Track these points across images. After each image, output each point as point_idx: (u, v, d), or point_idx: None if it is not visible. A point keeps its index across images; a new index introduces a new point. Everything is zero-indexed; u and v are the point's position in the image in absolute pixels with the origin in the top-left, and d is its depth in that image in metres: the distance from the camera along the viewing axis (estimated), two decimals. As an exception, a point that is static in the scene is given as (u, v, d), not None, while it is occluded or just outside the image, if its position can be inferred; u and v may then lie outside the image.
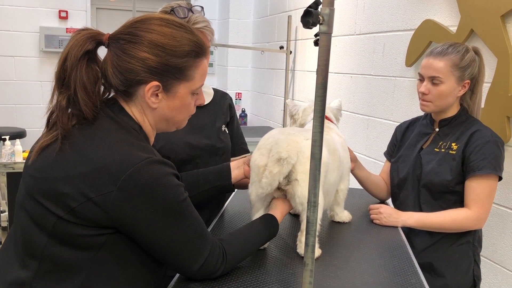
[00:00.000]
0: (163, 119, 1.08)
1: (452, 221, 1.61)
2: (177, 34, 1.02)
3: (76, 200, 0.92)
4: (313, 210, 0.92)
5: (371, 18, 2.91)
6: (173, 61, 1.01)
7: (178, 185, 0.98)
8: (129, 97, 1.04)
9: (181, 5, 1.53)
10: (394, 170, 1.82)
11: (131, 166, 0.92)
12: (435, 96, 1.63)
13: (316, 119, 0.89)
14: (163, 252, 0.99)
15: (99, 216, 0.93)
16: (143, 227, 0.95)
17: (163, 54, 1.00)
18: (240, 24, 5.09)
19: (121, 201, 0.92)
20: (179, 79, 1.04)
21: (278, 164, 1.22)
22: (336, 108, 1.70)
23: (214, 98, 1.73)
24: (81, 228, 0.94)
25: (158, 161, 0.97)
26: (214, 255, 1.04)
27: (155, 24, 1.01)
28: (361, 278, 1.20)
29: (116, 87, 1.03)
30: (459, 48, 1.62)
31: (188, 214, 0.99)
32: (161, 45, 1.00)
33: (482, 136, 1.59)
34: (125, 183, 0.92)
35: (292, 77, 4.14)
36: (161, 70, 1.01)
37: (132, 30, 1.01)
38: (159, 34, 1.00)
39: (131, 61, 0.99)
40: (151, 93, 1.02)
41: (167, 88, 1.03)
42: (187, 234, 0.99)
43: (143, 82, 1.01)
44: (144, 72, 1.00)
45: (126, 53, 0.99)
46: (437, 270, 1.68)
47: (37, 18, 4.90)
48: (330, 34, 0.86)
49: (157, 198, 0.94)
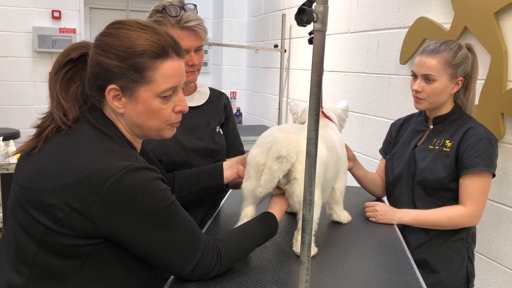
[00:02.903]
0: (134, 125, 1.06)
1: (447, 218, 1.62)
2: (133, 35, 1.01)
3: (62, 211, 0.92)
4: (309, 208, 0.92)
5: (365, 16, 2.92)
6: (127, 63, 1.00)
7: (163, 189, 0.97)
8: (103, 102, 1.05)
9: (173, 3, 1.51)
10: (389, 167, 1.82)
11: (112, 176, 0.92)
12: (429, 93, 1.63)
13: (311, 117, 0.89)
14: (155, 257, 0.98)
15: (86, 226, 0.93)
16: (132, 235, 0.94)
17: (116, 56, 0.99)
18: (234, 23, 5.08)
19: (105, 211, 0.92)
20: (138, 81, 1.01)
21: (278, 162, 1.22)
22: (341, 108, 1.70)
23: (209, 98, 1.71)
24: (69, 238, 0.94)
25: (140, 167, 0.95)
26: (208, 256, 1.03)
27: (114, 27, 1.03)
28: (357, 275, 1.20)
29: (89, 93, 1.04)
30: (452, 46, 1.62)
31: (177, 218, 0.98)
32: (115, 47, 1.00)
33: (475, 134, 1.60)
34: (107, 193, 0.91)
35: (286, 75, 4.14)
36: (116, 73, 1.00)
37: (99, 36, 1.04)
38: (114, 37, 1.01)
39: (94, 66, 1.01)
40: (112, 97, 1.02)
41: (127, 92, 1.02)
42: (178, 237, 0.98)
43: (104, 86, 1.01)
44: (103, 76, 1.00)
45: (92, 59, 1.02)
46: (431, 266, 1.69)
47: (30, 18, 4.87)
48: (324, 32, 0.86)
49: (141, 205, 0.93)
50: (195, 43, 1.53)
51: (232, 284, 1.10)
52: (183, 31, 1.49)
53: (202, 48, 1.58)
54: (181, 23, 1.49)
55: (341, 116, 1.69)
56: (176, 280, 1.09)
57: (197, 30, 1.51)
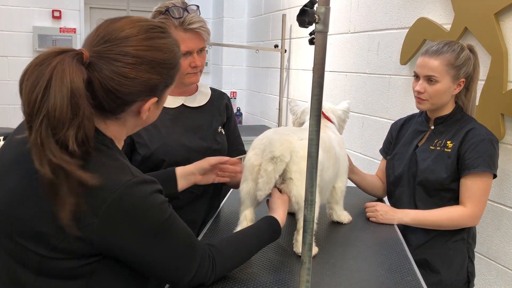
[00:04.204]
0: (142, 125, 1.04)
1: (448, 218, 1.62)
2: (169, 43, 0.99)
3: (57, 238, 0.87)
4: (310, 208, 0.92)
5: (365, 17, 2.92)
6: (171, 73, 0.99)
7: (161, 203, 0.94)
8: (113, 114, 0.97)
9: (176, 5, 1.52)
10: (390, 168, 1.83)
11: (110, 195, 0.87)
12: (431, 94, 1.64)
13: (313, 118, 0.89)
14: (153, 270, 0.96)
15: (84, 248, 0.89)
16: (130, 251, 0.92)
17: (164, 70, 0.97)
18: (234, 23, 5.08)
19: (104, 231, 0.88)
20: (169, 86, 1.02)
21: (272, 163, 1.24)
22: (341, 109, 1.70)
23: (211, 98, 1.71)
24: (68, 262, 0.89)
25: (138, 182, 0.91)
26: (204, 265, 1.02)
27: (143, 38, 0.94)
28: (357, 275, 1.20)
29: (110, 110, 0.95)
30: (454, 47, 1.62)
31: (175, 230, 0.96)
32: (162, 61, 0.96)
33: (477, 134, 1.60)
34: (107, 212, 0.87)
35: (287, 75, 4.14)
36: (161, 85, 0.98)
37: (121, 48, 0.92)
38: (156, 50, 0.95)
39: (130, 83, 0.92)
40: (147, 109, 0.98)
41: (160, 99, 1.01)
42: (176, 250, 0.96)
43: (141, 101, 0.96)
44: (145, 92, 0.95)
45: (124, 76, 0.91)
46: (432, 266, 1.69)
47: (30, 17, 4.87)
48: (326, 33, 0.86)
49: (141, 221, 0.90)
50: (198, 44, 1.53)
51: (233, 284, 1.11)
52: (186, 33, 1.50)
53: (204, 49, 1.58)
54: (185, 25, 1.49)
55: (341, 117, 1.69)
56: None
57: (200, 32, 1.52)
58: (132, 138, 1.56)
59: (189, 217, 1.62)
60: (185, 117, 1.63)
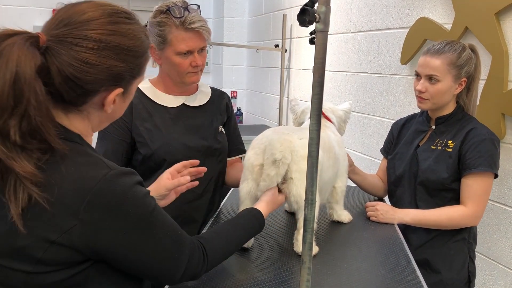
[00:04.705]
0: (108, 120, 0.97)
1: (448, 218, 1.62)
2: (135, 29, 0.91)
3: (39, 249, 0.80)
4: (311, 208, 0.92)
5: (366, 16, 2.92)
6: (138, 62, 0.92)
7: (144, 195, 0.87)
8: (74, 106, 0.89)
9: (177, 4, 1.52)
10: (391, 167, 1.83)
11: (89, 192, 0.80)
12: (432, 94, 1.63)
13: (313, 117, 0.89)
14: (142, 269, 0.90)
15: (71, 256, 0.82)
16: (118, 250, 0.85)
17: (130, 58, 0.89)
18: (235, 23, 5.08)
19: (87, 232, 0.81)
20: (136, 77, 0.94)
21: (275, 166, 1.23)
22: (343, 109, 1.70)
23: (211, 97, 1.72)
24: (56, 274, 0.82)
25: (117, 174, 0.84)
26: (194, 258, 0.97)
27: (106, 22, 0.87)
28: (358, 275, 1.20)
29: (70, 101, 0.87)
30: (456, 47, 1.62)
31: (161, 224, 0.90)
32: (127, 48, 0.88)
33: (478, 134, 1.60)
34: (87, 212, 0.80)
35: (287, 75, 4.14)
36: (126, 75, 0.90)
37: (82, 31, 0.84)
38: (121, 35, 0.88)
39: (91, 70, 0.85)
40: (112, 101, 0.91)
41: (126, 90, 0.93)
42: (164, 245, 0.90)
43: (104, 91, 0.89)
44: (108, 81, 0.87)
45: (84, 61, 0.84)
46: (432, 266, 1.69)
47: (31, 17, 4.87)
48: (326, 32, 0.86)
49: (125, 216, 0.83)
50: (199, 44, 1.53)
51: (233, 284, 1.11)
52: (187, 32, 1.50)
53: (205, 49, 1.58)
54: (186, 24, 1.49)
55: (342, 117, 1.69)
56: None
57: (201, 31, 1.52)
58: (133, 138, 1.56)
59: (190, 216, 1.62)
60: (186, 116, 1.63)
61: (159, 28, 1.51)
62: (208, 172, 1.64)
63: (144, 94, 1.61)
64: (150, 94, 1.61)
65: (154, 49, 1.56)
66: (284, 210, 1.68)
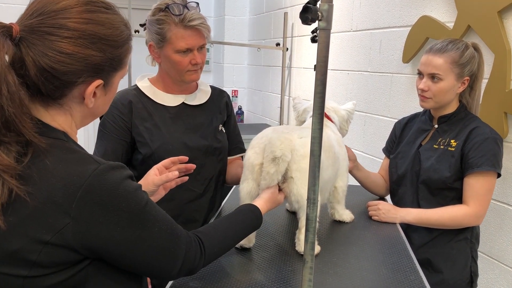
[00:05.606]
0: (91, 115, 0.94)
1: (451, 217, 1.62)
2: (114, 19, 0.89)
3: (33, 251, 0.78)
4: (313, 207, 0.91)
5: (367, 15, 2.91)
6: (117, 53, 0.89)
7: (135, 189, 0.85)
8: (53, 99, 0.86)
9: (176, 2, 1.51)
10: (393, 166, 1.82)
11: (79, 188, 0.78)
12: (435, 92, 1.63)
13: (316, 116, 0.88)
14: (139, 264, 0.88)
15: (67, 256, 0.80)
16: (113, 246, 0.83)
17: (108, 48, 0.87)
18: (236, 21, 5.07)
19: (81, 230, 0.79)
20: (117, 69, 0.92)
21: (274, 164, 1.23)
22: (345, 109, 1.69)
23: (211, 96, 1.71)
24: (54, 276, 0.80)
25: (106, 168, 0.82)
26: (191, 252, 0.95)
27: (82, 11, 0.85)
28: (360, 274, 1.19)
29: (47, 93, 0.85)
30: (459, 45, 1.61)
31: (155, 218, 0.88)
32: (104, 37, 0.86)
33: (481, 133, 1.59)
34: (79, 208, 0.78)
35: (288, 74, 4.14)
36: (105, 66, 0.88)
37: (57, 20, 0.83)
38: (97, 24, 0.85)
39: (67, 60, 0.83)
40: (92, 94, 0.88)
41: (107, 83, 0.91)
42: (159, 239, 0.88)
43: (82, 83, 0.86)
44: (85, 72, 0.85)
45: (59, 51, 0.82)
46: (434, 266, 1.68)
47: (32, 16, 4.87)
48: (329, 31, 0.86)
49: (117, 211, 0.81)
50: (198, 41, 1.52)
51: (234, 284, 1.10)
52: (186, 30, 1.49)
53: (205, 46, 1.57)
54: (185, 22, 1.48)
55: (344, 117, 1.68)
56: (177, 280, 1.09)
57: (200, 29, 1.51)
58: (132, 137, 1.55)
59: (191, 215, 1.62)
60: (186, 115, 1.63)
61: (158, 26, 1.50)
62: (209, 171, 1.64)
63: (144, 93, 1.60)
64: (149, 93, 1.60)
65: (153, 47, 1.55)
66: (285, 209, 1.68)
